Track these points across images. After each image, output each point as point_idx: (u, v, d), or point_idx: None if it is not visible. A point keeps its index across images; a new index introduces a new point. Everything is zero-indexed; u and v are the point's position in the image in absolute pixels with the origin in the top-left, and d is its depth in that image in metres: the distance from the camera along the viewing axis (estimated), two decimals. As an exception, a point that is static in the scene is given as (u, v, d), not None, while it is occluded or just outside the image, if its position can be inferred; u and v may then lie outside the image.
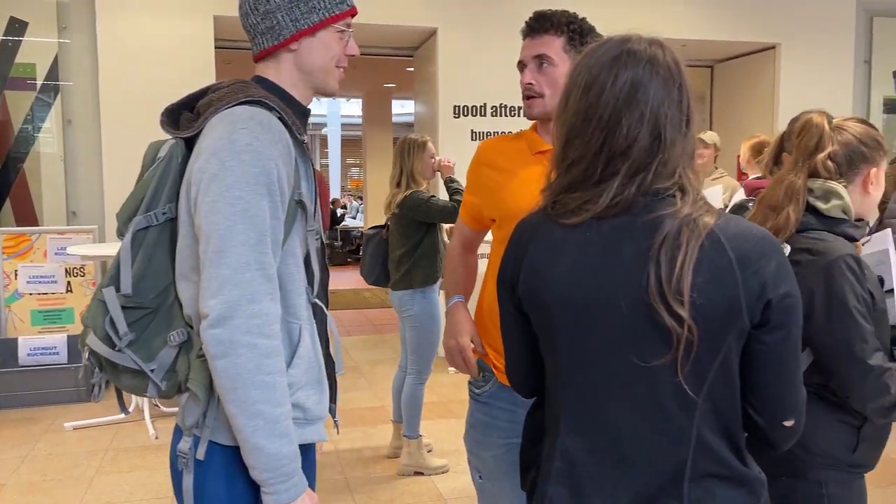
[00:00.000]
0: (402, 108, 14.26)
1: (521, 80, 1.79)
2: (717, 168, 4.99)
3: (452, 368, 1.92)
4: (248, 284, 1.22)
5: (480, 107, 5.87)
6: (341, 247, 13.39)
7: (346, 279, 10.96)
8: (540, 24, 1.76)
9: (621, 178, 1.11)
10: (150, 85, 5.14)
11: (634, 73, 1.12)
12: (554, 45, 1.74)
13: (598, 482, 1.16)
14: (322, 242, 1.55)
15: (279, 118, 1.33)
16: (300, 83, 1.45)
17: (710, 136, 4.96)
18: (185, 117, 1.38)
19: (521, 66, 1.80)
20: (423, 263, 3.63)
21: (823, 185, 1.65)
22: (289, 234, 1.35)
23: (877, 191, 1.70)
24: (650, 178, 1.11)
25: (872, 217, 1.73)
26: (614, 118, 1.11)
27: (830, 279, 1.56)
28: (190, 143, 1.34)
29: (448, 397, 4.93)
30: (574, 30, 1.75)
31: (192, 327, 1.33)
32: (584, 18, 1.79)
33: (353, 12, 1.47)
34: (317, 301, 1.46)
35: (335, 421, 1.64)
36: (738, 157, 4.69)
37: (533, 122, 1.86)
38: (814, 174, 1.66)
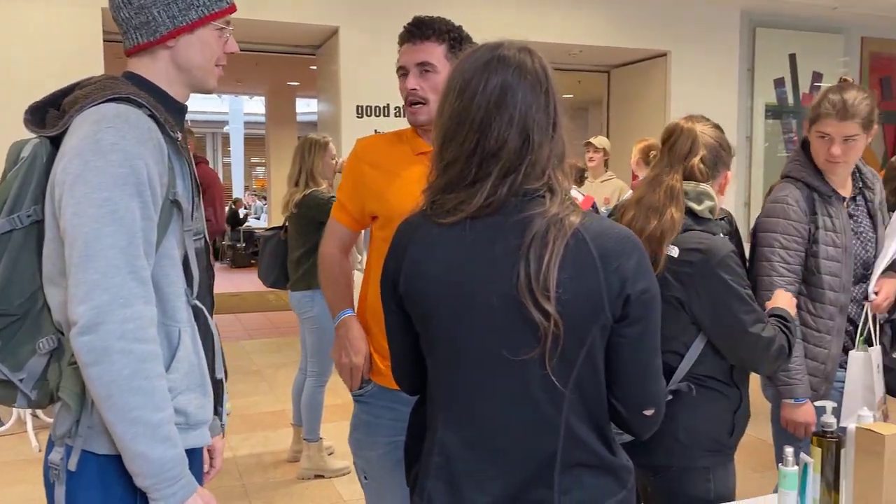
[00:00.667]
0: (307, 107, 14.07)
1: (404, 85, 1.80)
2: (606, 171, 5.19)
3: None
4: (119, 288, 1.19)
5: (384, 107, 5.86)
6: (244, 248, 13.08)
7: (249, 281, 10.72)
8: (422, 31, 1.78)
9: (493, 179, 1.16)
10: (32, 79, 4.86)
11: (504, 78, 1.16)
12: (436, 53, 1.77)
13: (472, 474, 1.20)
14: (206, 243, 1.52)
15: (150, 115, 1.29)
16: (177, 80, 1.42)
17: (599, 141, 5.17)
18: (52, 115, 1.32)
19: (403, 71, 1.81)
20: (323, 264, 3.59)
21: (696, 187, 1.76)
22: (164, 236, 1.31)
23: (725, 193, 1.84)
24: (520, 178, 1.16)
25: None
26: (485, 121, 1.16)
27: (723, 275, 1.69)
28: (56, 142, 1.29)
29: (349, 399, 4.88)
30: (454, 38, 1.78)
31: (63, 334, 1.28)
32: (460, 26, 1.83)
33: (232, 9, 1.44)
34: (197, 303, 1.43)
35: (221, 425, 1.61)
36: (633, 159, 4.88)
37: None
38: (689, 177, 1.77)
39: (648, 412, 1.23)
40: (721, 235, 1.79)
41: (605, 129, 7.51)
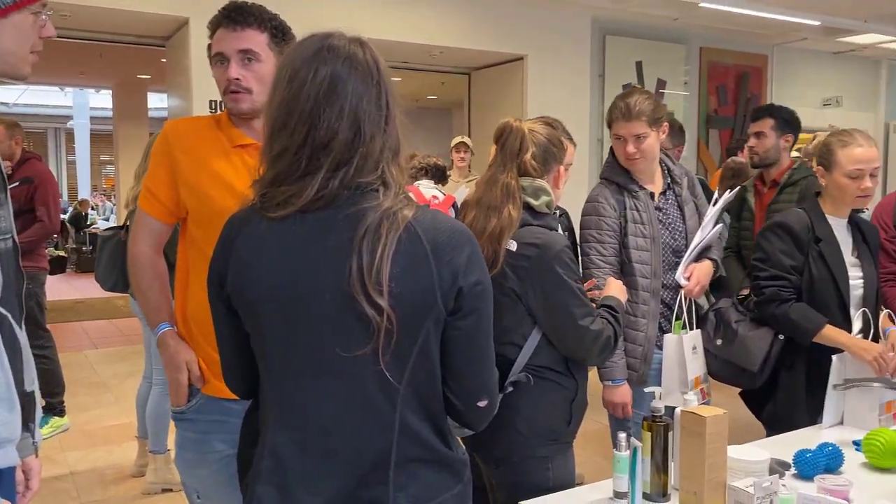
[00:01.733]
0: (161, 102, 13.38)
1: (224, 74, 1.70)
2: (470, 171, 5.28)
3: None
4: None
5: (239, 103, 5.65)
6: (90, 251, 12.26)
7: (95, 286, 10.06)
8: (244, 18, 1.69)
9: (325, 172, 1.13)
10: None
11: (334, 69, 1.14)
12: (258, 41, 1.69)
13: (304, 476, 1.17)
14: (14, 243, 1.39)
15: None
16: None
17: (469, 141, 5.26)
18: None
19: (221, 58, 1.71)
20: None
21: (533, 183, 1.80)
22: None
23: (562, 186, 1.90)
24: (352, 171, 1.14)
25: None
26: (315, 111, 1.13)
27: (557, 269, 1.74)
28: None
29: (205, 406, 4.69)
30: (276, 26, 1.72)
31: None
32: (278, 15, 1.76)
33: None
34: (1, 310, 1.30)
35: (34, 444, 1.47)
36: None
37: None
38: (523, 173, 1.81)
39: (482, 403, 1.23)
40: (560, 230, 1.85)
41: (466, 130, 7.63)
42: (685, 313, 2.36)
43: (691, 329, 2.37)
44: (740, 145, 6.56)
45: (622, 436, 1.63)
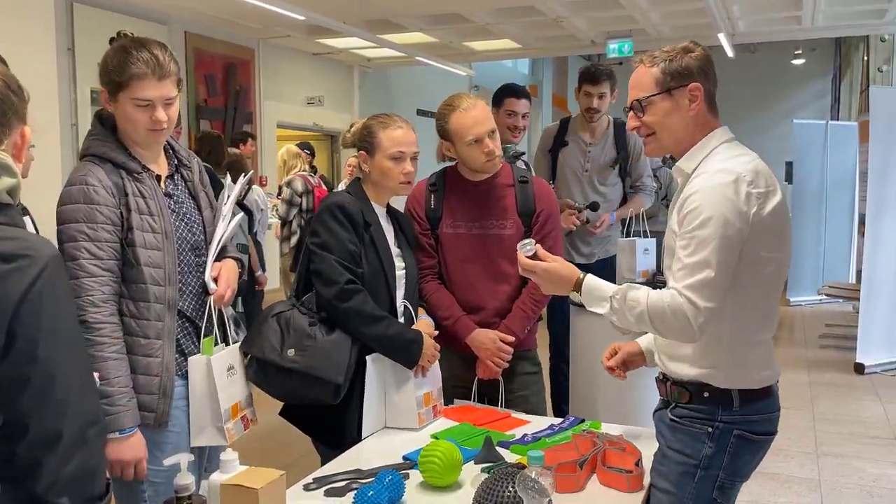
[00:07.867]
0: None
1: None
2: None
3: None
4: None
5: None
6: None
7: None
8: None
9: None
10: None
11: None
12: None
13: None
14: None
15: None
16: None
17: None
18: None
19: None
20: None
21: None
22: None
23: (25, 159, 1.23)
24: None
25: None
26: None
27: (48, 281, 1.07)
28: None
29: None
30: None
31: None
32: None
33: None
34: None
35: None
36: None
37: None
38: None
39: None
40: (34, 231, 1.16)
41: None
42: (216, 327, 1.87)
43: (227, 345, 1.90)
44: (243, 138, 6.30)
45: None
